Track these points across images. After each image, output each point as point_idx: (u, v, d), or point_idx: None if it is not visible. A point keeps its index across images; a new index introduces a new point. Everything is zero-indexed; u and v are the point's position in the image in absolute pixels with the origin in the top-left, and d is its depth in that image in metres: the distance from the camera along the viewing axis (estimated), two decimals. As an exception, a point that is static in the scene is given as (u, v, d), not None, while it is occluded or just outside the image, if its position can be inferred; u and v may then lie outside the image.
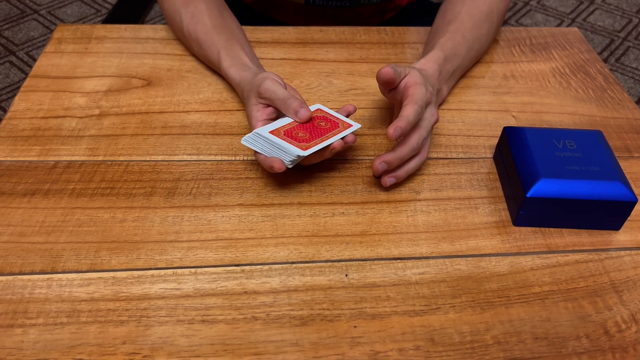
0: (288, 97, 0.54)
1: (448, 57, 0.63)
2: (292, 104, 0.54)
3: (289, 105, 0.54)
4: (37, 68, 0.69)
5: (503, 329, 0.45)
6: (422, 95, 0.53)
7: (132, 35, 0.75)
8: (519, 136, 0.55)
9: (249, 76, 0.60)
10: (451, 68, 0.64)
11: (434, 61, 0.61)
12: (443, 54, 0.63)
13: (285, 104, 0.54)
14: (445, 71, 0.63)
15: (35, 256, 0.48)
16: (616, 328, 0.45)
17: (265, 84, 0.55)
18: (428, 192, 0.56)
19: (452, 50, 0.64)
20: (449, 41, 0.64)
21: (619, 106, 0.68)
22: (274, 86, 0.55)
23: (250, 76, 0.60)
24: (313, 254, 0.49)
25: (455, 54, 0.64)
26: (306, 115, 0.54)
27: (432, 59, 0.62)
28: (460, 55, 0.65)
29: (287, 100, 0.54)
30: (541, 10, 2.15)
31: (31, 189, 0.54)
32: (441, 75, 0.62)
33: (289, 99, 0.54)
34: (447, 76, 0.63)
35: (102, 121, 0.62)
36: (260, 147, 0.53)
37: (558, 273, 0.49)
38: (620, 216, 0.52)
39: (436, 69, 0.61)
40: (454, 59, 0.64)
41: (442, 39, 0.64)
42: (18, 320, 0.44)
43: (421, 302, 0.46)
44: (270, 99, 0.55)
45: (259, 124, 0.55)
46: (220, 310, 0.45)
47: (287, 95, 0.54)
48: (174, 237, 0.50)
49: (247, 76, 0.61)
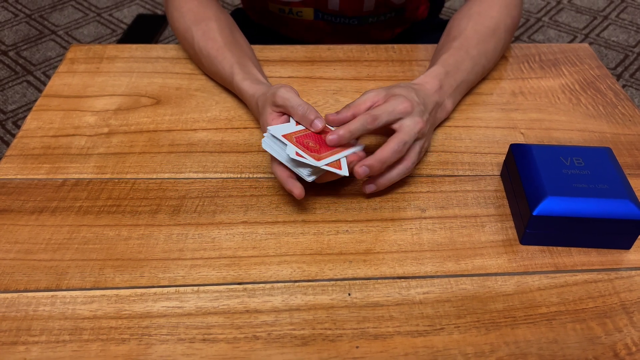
0: (302, 105, 0.54)
1: (450, 72, 0.63)
2: (307, 112, 0.54)
3: (303, 113, 0.54)
4: (49, 87, 0.71)
5: (508, 350, 0.44)
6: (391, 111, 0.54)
7: (142, 55, 0.77)
8: (526, 153, 0.55)
9: (263, 88, 0.61)
10: (454, 83, 0.63)
11: (434, 76, 0.62)
12: (444, 69, 0.63)
13: (300, 111, 0.54)
14: (447, 85, 0.62)
15: (40, 273, 0.49)
16: (626, 350, 0.44)
17: (280, 92, 0.55)
18: (434, 210, 0.55)
19: (455, 65, 0.64)
20: (452, 57, 0.64)
21: (630, 122, 0.67)
22: (289, 93, 0.55)
23: (264, 89, 0.61)
24: (316, 273, 0.49)
25: (457, 69, 0.64)
26: (321, 127, 0.54)
27: (431, 74, 0.62)
28: (464, 70, 0.65)
29: (301, 107, 0.54)
30: (554, 26, 2.14)
31: (39, 206, 0.55)
32: (442, 89, 0.61)
33: (303, 106, 0.54)
34: (450, 90, 0.63)
35: (110, 139, 0.63)
36: (277, 151, 0.52)
37: (566, 293, 0.48)
38: (630, 235, 0.51)
39: (436, 83, 0.61)
40: (457, 73, 0.64)
41: (445, 55, 0.65)
42: (21, 337, 0.44)
43: (425, 322, 0.45)
44: (284, 106, 0.55)
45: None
46: (221, 329, 0.45)
47: (301, 103, 0.54)
48: (177, 254, 0.50)
49: (261, 88, 0.61)
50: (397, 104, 0.54)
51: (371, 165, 0.52)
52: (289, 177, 0.52)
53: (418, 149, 0.55)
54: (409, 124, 0.54)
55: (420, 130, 0.55)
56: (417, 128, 0.54)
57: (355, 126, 0.53)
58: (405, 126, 0.54)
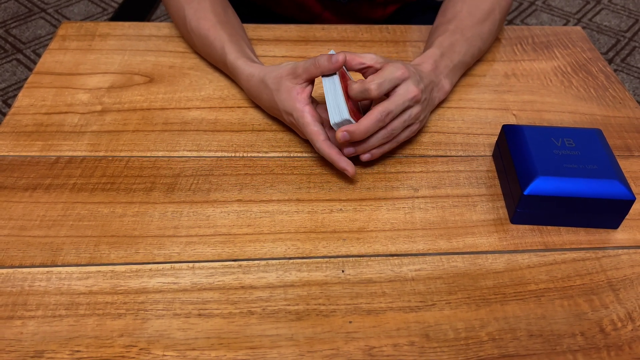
0: (320, 55, 0.55)
1: (445, 53, 0.63)
2: (328, 56, 0.54)
3: (328, 58, 0.54)
4: (41, 65, 0.70)
5: (498, 325, 0.45)
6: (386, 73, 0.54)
7: (135, 33, 0.76)
8: (518, 134, 0.55)
9: (259, 67, 0.61)
10: (450, 63, 0.64)
11: (429, 57, 0.62)
12: (439, 51, 0.63)
13: (322, 58, 0.54)
14: (443, 66, 0.63)
15: (35, 249, 0.49)
16: (612, 326, 0.45)
17: (300, 63, 0.55)
18: (426, 190, 0.56)
19: (450, 47, 0.64)
20: (447, 39, 0.65)
21: (620, 105, 0.68)
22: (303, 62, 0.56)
23: (261, 68, 0.60)
24: (310, 250, 0.50)
25: (453, 50, 0.64)
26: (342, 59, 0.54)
27: (427, 56, 0.62)
28: (459, 52, 0.65)
29: (321, 56, 0.54)
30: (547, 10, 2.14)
31: (33, 183, 0.55)
32: (438, 69, 0.62)
33: (321, 55, 0.54)
34: (445, 70, 0.63)
35: (104, 117, 0.63)
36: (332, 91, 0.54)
37: (555, 271, 0.49)
38: (618, 215, 0.52)
39: (432, 64, 0.61)
40: (453, 55, 0.64)
41: (441, 37, 0.65)
42: (17, 312, 0.44)
43: (417, 299, 0.46)
44: (308, 70, 0.54)
45: (307, 107, 0.55)
46: (216, 304, 0.45)
47: (316, 56, 0.55)
48: (172, 232, 0.51)
49: (257, 67, 0.61)
50: (394, 70, 0.54)
51: (352, 132, 0.52)
52: (340, 155, 0.53)
53: (406, 117, 0.55)
54: (401, 93, 0.54)
55: (414, 97, 0.54)
56: (410, 96, 0.54)
57: (354, 93, 0.53)
58: (397, 95, 0.54)
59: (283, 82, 0.56)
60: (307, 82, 0.56)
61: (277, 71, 0.57)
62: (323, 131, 0.54)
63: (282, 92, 0.56)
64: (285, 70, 0.56)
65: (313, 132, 0.54)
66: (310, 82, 0.56)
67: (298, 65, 0.55)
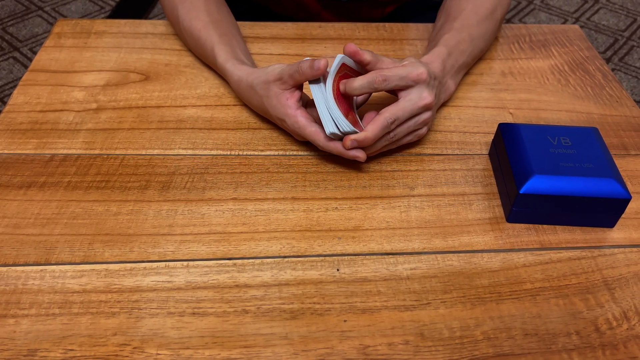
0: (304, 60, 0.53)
1: (451, 52, 0.63)
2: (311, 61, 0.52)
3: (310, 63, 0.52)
4: (36, 62, 0.70)
5: (493, 324, 0.45)
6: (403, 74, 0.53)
7: (131, 31, 0.76)
8: (514, 132, 0.55)
9: (246, 71, 0.60)
10: (455, 63, 0.63)
11: (437, 56, 0.61)
12: (446, 50, 0.62)
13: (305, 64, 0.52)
14: (449, 66, 0.62)
15: (29, 248, 0.49)
16: (607, 325, 0.45)
17: (286, 68, 0.54)
18: (422, 188, 0.56)
19: (456, 46, 0.64)
20: (453, 38, 0.64)
21: (617, 104, 0.68)
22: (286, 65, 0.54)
23: (248, 71, 0.60)
24: (305, 249, 0.50)
25: (459, 50, 0.64)
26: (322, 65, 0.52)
27: (434, 54, 0.61)
28: (464, 52, 0.64)
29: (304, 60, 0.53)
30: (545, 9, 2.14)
31: (27, 181, 0.55)
32: (445, 69, 0.61)
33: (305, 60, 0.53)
34: (451, 70, 0.63)
35: (99, 115, 0.62)
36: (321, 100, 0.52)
37: (550, 270, 0.49)
38: (614, 213, 0.51)
39: (440, 63, 0.60)
40: (458, 55, 0.64)
41: (447, 35, 0.64)
42: (11, 310, 0.44)
43: (412, 297, 0.46)
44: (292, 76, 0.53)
45: (298, 112, 0.54)
46: (211, 303, 0.45)
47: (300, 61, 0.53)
48: (167, 230, 0.50)
49: (245, 71, 0.60)
50: (412, 69, 0.53)
51: (360, 142, 0.52)
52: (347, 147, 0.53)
53: (412, 123, 0.55)
54: (413, 98, 0.54)
55: (425, 105, 0.54)
56: (422, 103, 0.54)
57: (362, 83, 0.52)
58: (407, 100, 0.53)
59: (271, 88, 0.56)
60: (295, 87, 0.55)
61: (265, 76, 0.56)
62: (321, 129, 0.54)
63: (272, 98, 0.56)
64: (272, 75, 0.55)
65: (312, 134, 0.54)
66: (298, 87, 0.56)
67: (284, 71, 0.54)
